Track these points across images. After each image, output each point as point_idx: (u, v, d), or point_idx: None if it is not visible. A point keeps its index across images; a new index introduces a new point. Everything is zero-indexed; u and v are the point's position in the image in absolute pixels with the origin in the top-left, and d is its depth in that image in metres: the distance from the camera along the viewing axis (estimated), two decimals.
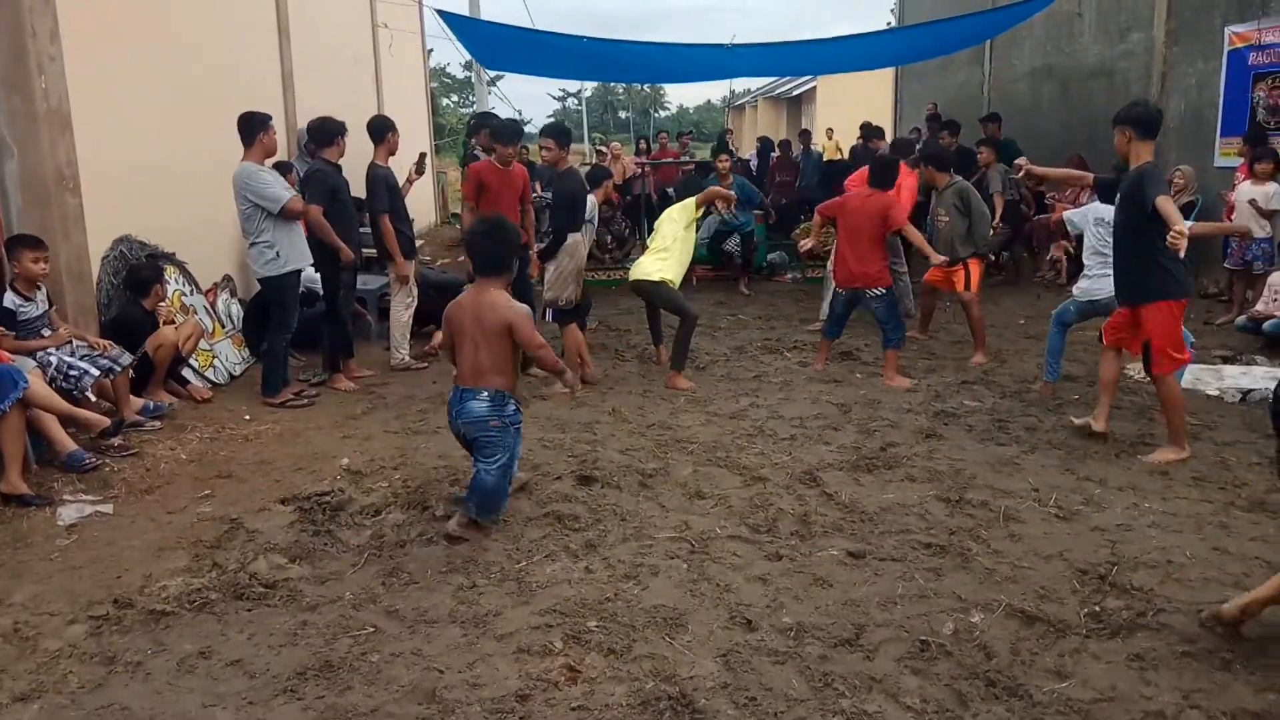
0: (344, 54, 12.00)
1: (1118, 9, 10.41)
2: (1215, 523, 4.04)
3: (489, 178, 6.64)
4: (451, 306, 4.28)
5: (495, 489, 4.05)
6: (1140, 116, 4.81)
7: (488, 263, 4.24)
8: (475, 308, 4.14)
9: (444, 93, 41.75)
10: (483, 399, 4.07)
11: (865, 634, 3.20)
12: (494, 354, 4.09)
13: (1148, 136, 4.79)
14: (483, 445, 4.08)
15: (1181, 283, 4.77)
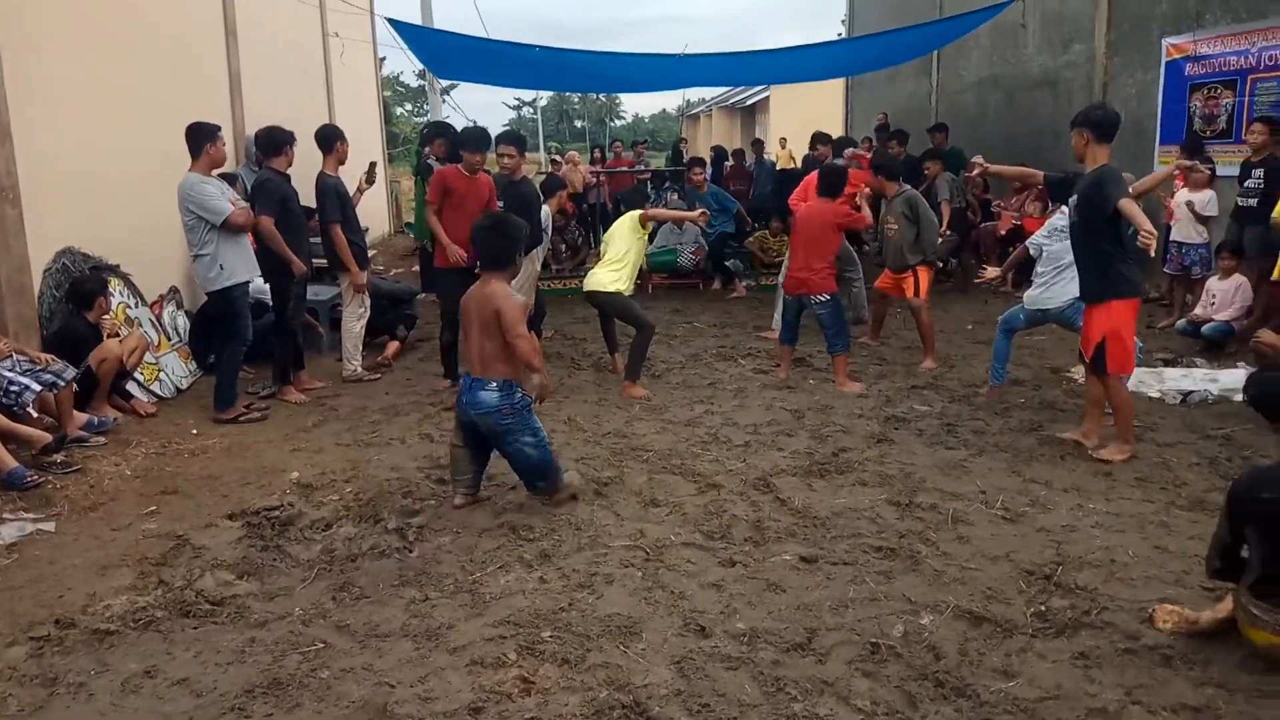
0: (294, 62, 11.88)
1: (1060, 21, 10.66)
2: (1157, 522, 4.14)
3: (455, 184, 6.54)
4: (463, 299, 4.48)
5: (539, 461, 4.29)
6: (1099, 119, 4.91)
7: (493, 257, 4.42)
8: (479, 299, 4.32)
9: (398, 101, 41.44)
10: (492, 389, 4.25)
11: (817, 638, 3.23)
12: (497, 343, 4.24)
13: (1105, 139, 4.88)
14: (502, 433, 4.27)
15: (1134, 282, 4.89)
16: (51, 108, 6.10)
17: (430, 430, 5.72)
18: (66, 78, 6.33)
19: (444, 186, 6.55)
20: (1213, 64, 8.51)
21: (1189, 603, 3.35)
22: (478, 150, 6.67)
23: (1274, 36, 7.81)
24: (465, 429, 4.38)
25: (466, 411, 4.30)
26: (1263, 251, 7.09)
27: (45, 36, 6.11)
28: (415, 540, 4.07)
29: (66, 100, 6.31)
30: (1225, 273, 7.32)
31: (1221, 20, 8.34)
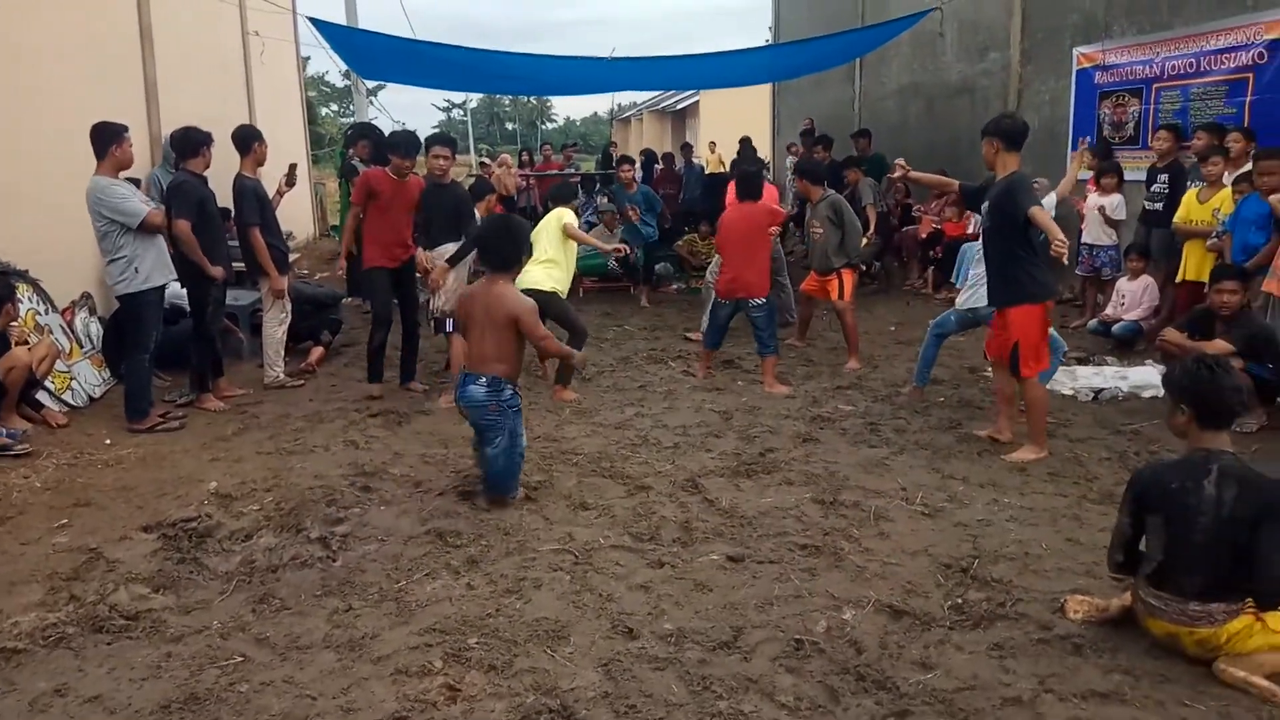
0: (212, 62, 11.58)
1: (976, 30, 10.98)
2: (1069, 515, 4.29)
3: (381, 187, 6.36)
4: (463, 297, 4.65)
5: (504, 470, 4.44)
6: (1008, 129, 5.05)
7: (498, 259, 4.58)
8: (485, 299, 4.46)
9: (323, 101, 40.65)
10: (481, 384, 4.40)
11: (743, 636, 3.27)
12: (498, 343, 4.41)
13: (1014, 148, 5.02)
14: (484, 429, 4.41)
15: (1045, 284, 5.03)
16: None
17: (355, 437, 5.64)
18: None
19: (369, 189, 6.37)
20: (1120, 73, 8.85)
21: (1099, 592, 3.48)
22: (408, 155, 6.49)
23: (1177, 47, 8.15)
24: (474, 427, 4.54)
25: (459, 406, 4.54)
26: (1168, 254, 7.40)
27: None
28: (339, 549, 4.00)
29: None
30: (1133, 274, 7.62)
31: (1128, 31, 8.68)
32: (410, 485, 4.77)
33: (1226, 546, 2.97)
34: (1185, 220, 6.95)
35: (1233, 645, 2.98)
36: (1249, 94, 7.51)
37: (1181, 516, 3.04)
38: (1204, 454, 3.08)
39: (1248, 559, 2.95)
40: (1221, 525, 2.97)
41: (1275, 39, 7.16)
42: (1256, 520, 2.93)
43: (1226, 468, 3.02)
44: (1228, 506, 2.96)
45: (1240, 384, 3.08)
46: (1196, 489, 3.02)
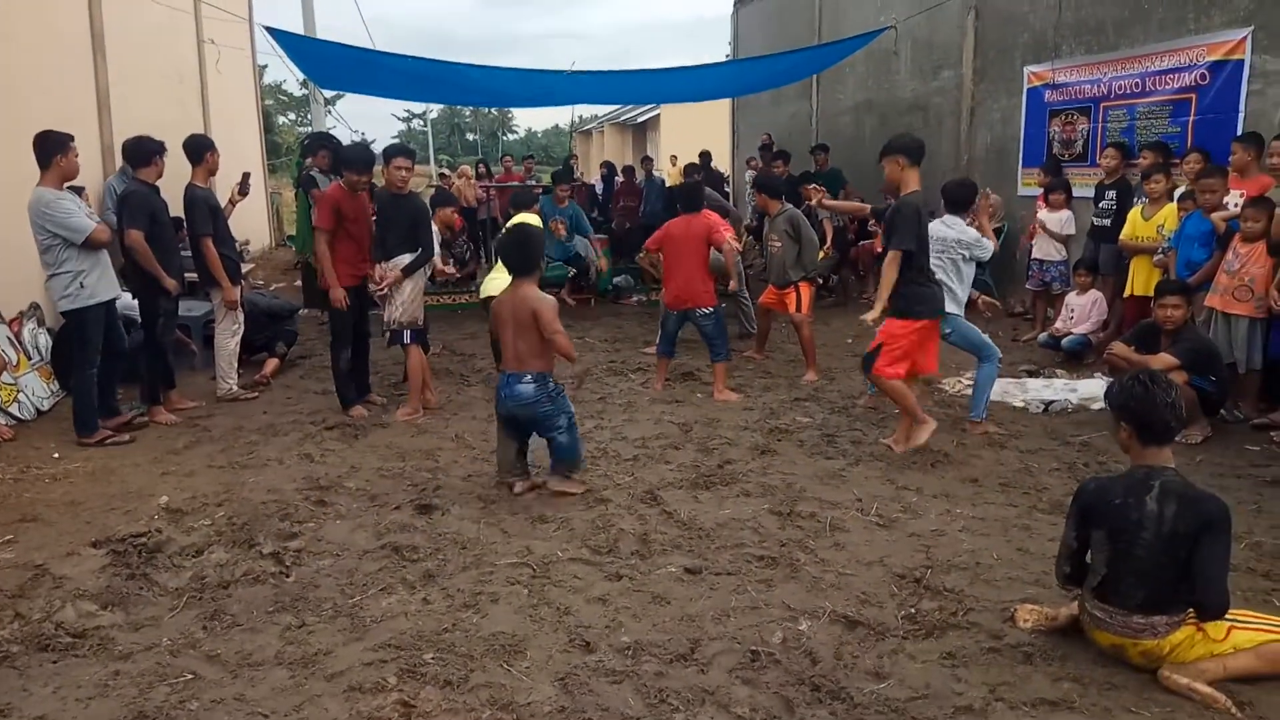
0: (166, 70, 11.42)
1: (930, 49, 11.17)
2: (1019, 525, 4.37)
3: (346, 206, 6.22)
4: (495, 302, 4.96)
5: (570, 446, 4.84)
6: (909, 145, 5.29)
7: (520, 265, 4.87)
8: (513, 303, 4.77)
9: (280, 110, 40.21)
10: (528, 382, 4.70)
11: (700, 648, 3.28)
12: (531, 341, 4.71)
13: (916, 164, 5.24)
14: (541, 419, 4.76)
15: (926, 304, 5.27)
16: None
17: (311, 450, 5.58)
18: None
19: (339, 210, 6.16)
20: (1069, 91, 9.06)
21: (1049, 601, 3.54)
22: (365, 171, 6.42)
23: (1123, 68, 8.37)
24: (507, 423, 4.84)
25: (506, 405, 4.75)
26: (1116, 268, 7.58)
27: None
28: (292, 565, 3.96)
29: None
30: (1082, 288, 7.78)
31: (1077, 51, 8.90)
32: (366, 499, 4.74)
33: (1168, 561, 3.03)
34: (1131, 237, 7.12)
35: (1175, 655, 3.05)
36: (1192, 114, 7.72)
37: (1124, 532, 3.10)
38: (1146, 470, 3.14)
39: (1189, 573, 3.01)
40: (1163, 541, 3.03)
41: (1216, 61, 7.38)
42: (1197, 536, 3.00)
43: (1168, 484, 3.08)
44: (1169, 523, 3.02)
45: (1177, 401, 3.13)
46: (1139, 505, 3.08)
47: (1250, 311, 5.72)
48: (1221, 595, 3.01)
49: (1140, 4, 8.09)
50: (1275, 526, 4.30)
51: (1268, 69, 6.91)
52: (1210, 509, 3.02)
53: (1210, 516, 3.01)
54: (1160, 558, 3.04)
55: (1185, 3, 7.63)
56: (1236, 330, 5.81)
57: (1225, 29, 7.26)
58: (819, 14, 13.80)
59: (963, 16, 10.38)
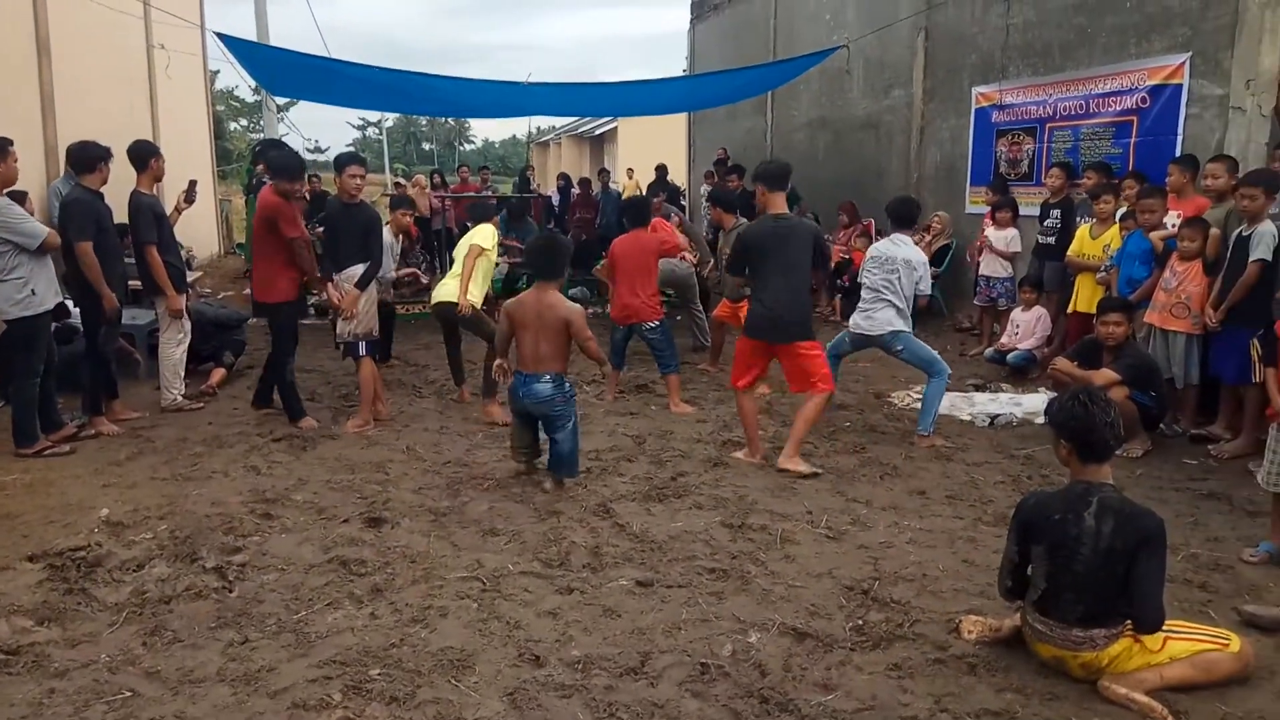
0: (115, 74, 11.23)
1: (882, 68, 11.37)
2: (965, 537, 4.44)
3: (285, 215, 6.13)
4: (513, 304, 5.13)
5: (571, 452, 5.06)
6: (765, 172, 5.50)
7: (545, 269, 5.11)
8: (537, 306, 5.00)
9: (232, 116, 39.63)
10: (546, 381, 4.96)
11: (650, 661, 3.28)
12: (552, 344, 4.97)
13: (778, 189, 5.44)
14: (552, 419, 5.00)
15: (750, 326, 5.55)
16: None
17: (257, 462, 5.48)
18: None
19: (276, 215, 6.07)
20: (1016, 112, 9.27)
21: (993, 612, 3.59)
22: (298, 179, 6.35)
23: (1068, 90, 8.58)
24: (521, 416, 5.15)
25: (522, 402, 5.04)
26: (1060, 285, 7.76)
27: None
28: (236, 579, 3.89)
29: None
30: (1026, 304, 7.95)
31: (1023, 72, 9.11)
32: (314, 512, 4.67)
33: (1106, 576, 3.09)
34: (1078, 254, 7.29)
35: (1114, 666, 3.12)
36: (1134, 135, 7.94)
37: (1063, 547, 3.16)
38: (1084, 486, 3.21)
39: (1126, 588, 3.08)
40: (1100, 556, 3.09)
41: (1157, 84, 7.60)
42: (1134, 552, 3.06)
43: (1106, 500, 3.14)
44: (1106, 538, 3.09)
45: (1116, 420, 3.19)
46: (1077, 520, 3.14)
47: (1188, 328, 5.89)
48: (1157, 610, 3.08)
49: (1084, 28, 8.31)
50: (1211, 539, 4.41)
51: (1204, 93, 7.14)
52: (1147, 525, 3.09)
53: (1147, 533, 3.07)
54: (1098, 573, 3.10)
55: (1127, 28, 7.86)
56: (1174, 346, 5.97)
57: (1165, 54, 7.49)
58: (773, 32, 13.98)
59: (913, 37, 10.58)
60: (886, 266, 5.91)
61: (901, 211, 6.18)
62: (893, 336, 5.91)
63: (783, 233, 5.35)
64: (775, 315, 5.33)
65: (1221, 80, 6.97)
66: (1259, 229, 5.43)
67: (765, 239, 5.38)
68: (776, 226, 5.37)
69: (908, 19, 10.62)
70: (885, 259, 5.94)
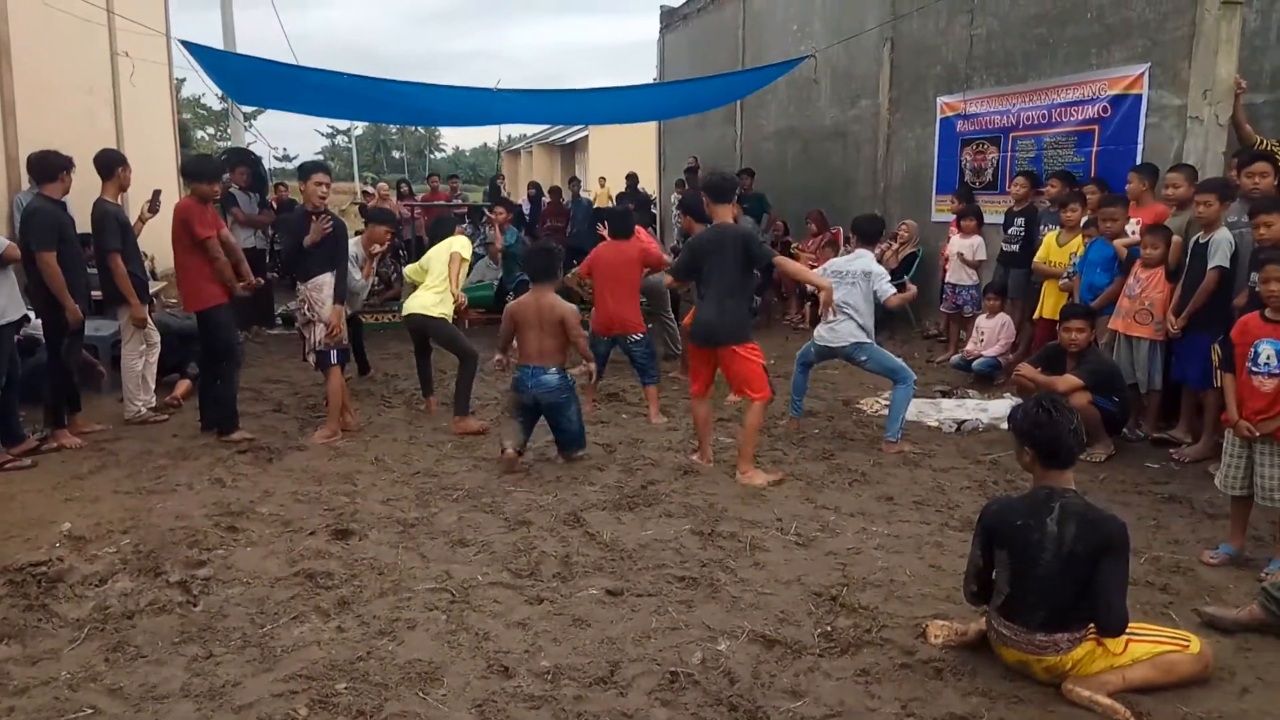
0: (78, 82, 11.09)
1: (849, 78, 11.48)
2: (932, 542, 4.48)
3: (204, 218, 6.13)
4: (515, 306, 5.74)
5: (579, 430, 5.76)
6: (708, 184, 5.62)
7: (542, 272, 5.71)
8: (538, 306, 5.60)
9: (198, 125, 39.24)
10: (553, 374, 5.56)
11: (619, 670, 3.28)
12: (554, 340, 5.58)
13: (722, 200, 5.51)
14: (558, 406, 5.59)
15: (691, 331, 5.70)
16: None
17: (222, 474, 5.42)
18: None
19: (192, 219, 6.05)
20: (980, 122, 9.39)
21: (959, 617, 3.63)
22: (215, 180, 6.33)
23: (1030, 99, 8.71)
24: (523, 408, 5.62)
25: (530, 393, 5.54)
26: (1025, 292, 7.86)
27: None
28: (200, 593, 3.84)
29: None
30: (991, 311, 8.05)
31: (986, 83, 9.23)
32: (279, 525, 4.62)
33: (1068, 581, 3.14)
34: (1044, 261, 7.39)
35: (1078, 670, 3.16)
36: (1095, 144, 8.07)
37: (1025, 552, 3.20)
38: (1047, 492, 3.25)
39: (1089, 592, 3.12)
40: (1063, 562, 3.13)
41: (1117, 94, 7.73)
42: (1096, 557, 3.10)
43: (1068, 506, 3.18)
44: (1068, 544, 3.13)
45: (1079, 427, 3.24)
46: (1040, 526, 3.18)
47: (1151, 334, 5.98)
48: (1120, 614, 3.12)
49: (1046, 39, 8.44)
50: (1173, 541, 4.49)
51: (1163, 103, 7.27)
52: (1109, 530, 3.13)
53: (1109, 538, 3.12)
54: (1060, 578, 3.14)
55: (1088, 39, 7.99)
56: (1138, 352, 6.06)
57: (1124, 64, 7.62)
58: (742, 42, 14.07)
59: (879, 48, 10.69)
60: (846, 280, 5.99)
61: (868, 229, 6.33)
62: (855, 348, 6.01)
63: (716, 239, 5.43)
64: (708, 319, 5.44)
65: (1179, 90, 7.10)
66: (1215, 236, 5.54)
67: (703, 246, 5.51)
68: (712, 233, 5.48)
69: (874, 30, 10.74)
70: (844, 273, 6.03)
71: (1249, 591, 3.87)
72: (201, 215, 6.12)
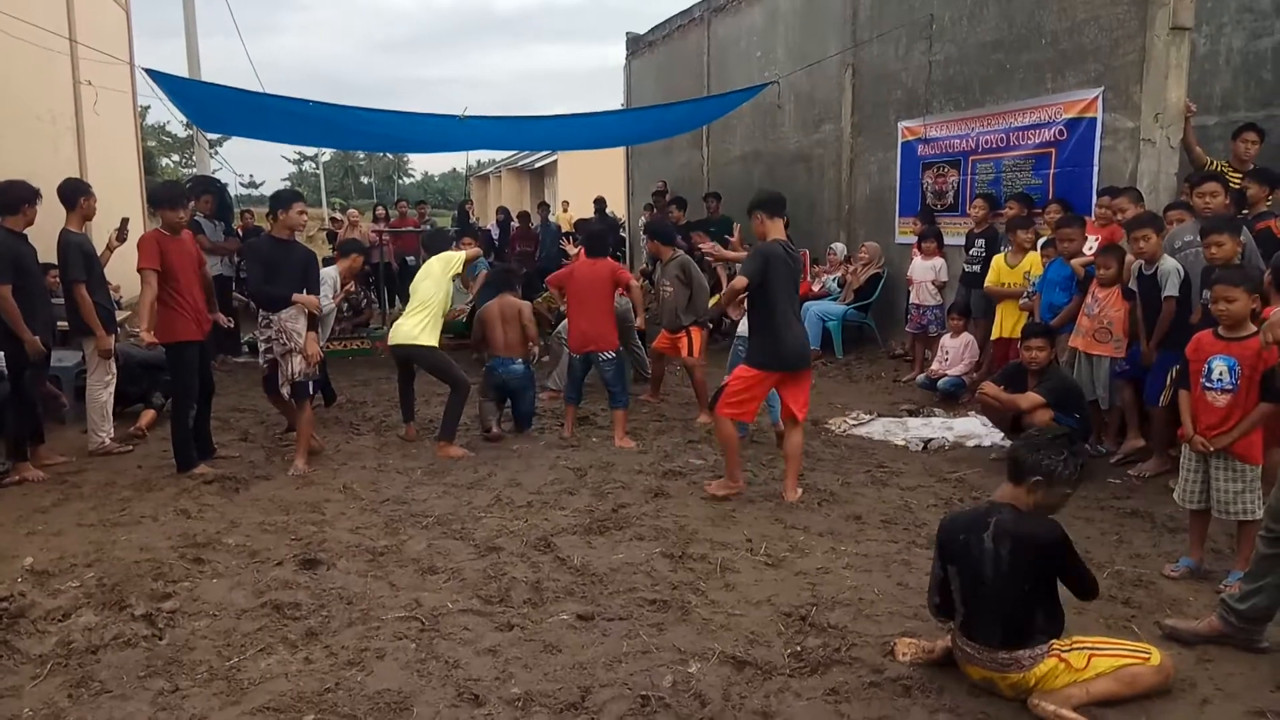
0: (39, 111, 10.99)
1: (812, 103, 11.65)
2: (899, 560, 4.52)
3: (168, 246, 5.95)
4: (483, 310, 7.16)
5: (531, 410, 7.26)
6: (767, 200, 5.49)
7: (503, 285, 7.33)
8: (500, 307, 7.09)
9: (164, 152, 38.95)
10: (519, 364, 7.03)
11: (590, 695, 3.27)
12: (516, 333, 7.03)
13: (778, 215, 5.47)
14: (522, 390, 7.09)
15: (761, 354, 5.35)
16: None
17: (187, 505, 5.36)
18: None
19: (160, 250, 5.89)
20: (940, 145, 9.56)
21: (926, 634, 3.67)
22: (179, 206, 6.12)
23: (989, 123, 8.89)
24: (497, 389, 7.06)
25: (501, 378, 6.99)
26: (986, 312, 7.99)
27: None
28: (166, 627, 3.79)
29: None
30: (955, 331, 8.17)
31: (946, 107, 9.42)
32: (246, 556, 4.58)
33: (1014, 595, 3.19)
34: (997, 283, 7.53)
35: (1043, 685, 3.19)
36: (1052, 167, 8.25)
37: (968, 568, 3.26)
38: (987, 507, 3.32)
39: (1040, 603, 3.18)
40: (1004, 579, 3.19)
41: (1072, 118, 7.92)
42: (1035, 565, 3.17)
43: (1001, 522, 3.23)
44: (1005, 561, 3.18)
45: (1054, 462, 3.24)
46: (979, 542, 3.24)
47: (1111, 352, 6.09)
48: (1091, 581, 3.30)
49: (1003, 64, 8.63)
50: (1135, 556, 4.57)
51: (1117, 126, 7.46)
52: (1040, 537, 3.19)
53: (1042, 545, 3.18)
54: (1004, 593, 3.20)
55: (1043, 64, 8.19)
56: (1099, 369, 6.17)
57: (1079, 89, 7.82)
58: (706, 68, 14.24)
59: (841, 74, 10.87)
60: None
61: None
62: None
63: (787, 255, 5.32)
64: (799, 340, 5.30)
65: (1132, 113, 7.29)
66: (1161, 267, 5.64)
67: (779, 257, 5.25)
68: (783, 249, 5.29)
69: (835, 56, 10.92)
70: None
71: (1209, 604, 3.94)
72: (143, 247, 5.89)
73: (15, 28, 9.48)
